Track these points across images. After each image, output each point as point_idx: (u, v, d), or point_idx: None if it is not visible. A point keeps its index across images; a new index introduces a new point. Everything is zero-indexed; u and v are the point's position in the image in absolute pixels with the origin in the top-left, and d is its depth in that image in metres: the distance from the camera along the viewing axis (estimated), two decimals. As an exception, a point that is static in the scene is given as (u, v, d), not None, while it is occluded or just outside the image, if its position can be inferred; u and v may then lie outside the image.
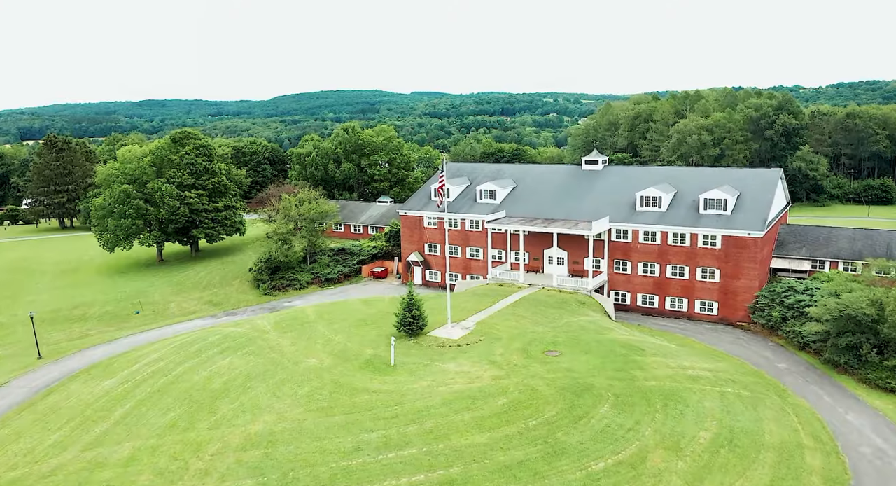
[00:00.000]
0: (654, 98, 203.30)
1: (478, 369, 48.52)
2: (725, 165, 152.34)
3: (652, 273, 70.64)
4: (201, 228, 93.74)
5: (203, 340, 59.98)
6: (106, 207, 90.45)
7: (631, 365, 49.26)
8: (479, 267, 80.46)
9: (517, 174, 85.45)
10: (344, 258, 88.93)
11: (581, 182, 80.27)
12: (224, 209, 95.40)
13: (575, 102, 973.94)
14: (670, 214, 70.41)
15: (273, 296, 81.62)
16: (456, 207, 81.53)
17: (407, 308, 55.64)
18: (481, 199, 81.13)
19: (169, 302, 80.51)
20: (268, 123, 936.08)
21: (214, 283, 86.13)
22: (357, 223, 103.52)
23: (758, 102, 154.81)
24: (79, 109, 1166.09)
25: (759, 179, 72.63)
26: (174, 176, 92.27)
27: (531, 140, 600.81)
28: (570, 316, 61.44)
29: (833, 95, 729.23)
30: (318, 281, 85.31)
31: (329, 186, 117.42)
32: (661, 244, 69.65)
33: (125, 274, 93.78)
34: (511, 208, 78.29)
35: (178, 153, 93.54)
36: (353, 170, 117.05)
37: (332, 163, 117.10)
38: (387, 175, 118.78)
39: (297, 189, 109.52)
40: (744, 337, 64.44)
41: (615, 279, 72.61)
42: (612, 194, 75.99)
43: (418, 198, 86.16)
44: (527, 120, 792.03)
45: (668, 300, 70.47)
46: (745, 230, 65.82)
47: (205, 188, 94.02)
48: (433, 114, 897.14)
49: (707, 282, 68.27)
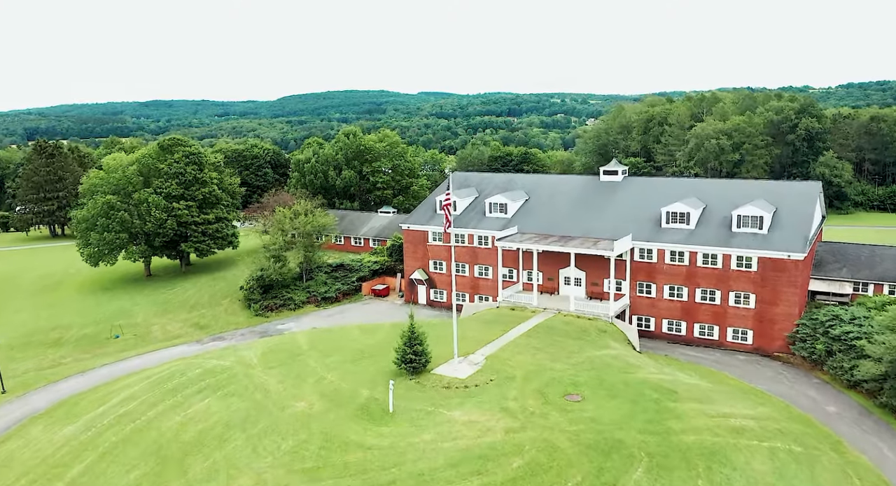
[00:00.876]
0: (668, 100, 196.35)
1: (489, 418, 42.18)
2: (745, 171, 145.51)
3: (679, 297, 64.17)
4: (191, 241, 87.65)
5: (181, 374, 53.89)
6: (89, 219, 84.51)
7: (665, 414, 42.84)
8: (488, 287, 74.12)
9: (530, 185, 79.06)
10: (343, 275, 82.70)
11: (599, 195, 73.82)
12: (215, 221, 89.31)
13: (582, 103, 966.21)
14: (699, 232, 63.90)
15: (265, 317, 75.46)
16: (463, 222, 75.21)
17: (408, 343, 49.35)
18: (491, 212, 74.79)
19: (152, 324, 74.41)
20: (274, 123, 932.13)
21: (202, 302, 80.00)
22: (357, 235, 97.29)
23: (778, 105, 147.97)
24: (85, 109, 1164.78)
25: (796, 193, 66.02)
26: (162, 186, 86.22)
27: (538, 141, 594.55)
28: (591, 349, 55.01)
29: (843, 96, 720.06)
30: (315, 300, 79.12)
31: (329, 195, 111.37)
32: (689, 266, 63.17)
33: (109, 291, 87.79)
34: (523, 223, 71.92)
35: (165, 161, 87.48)
36: (355, 177, 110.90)
37: (332, 170, 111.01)
38: (390, 183, 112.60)
39: (295, 199, 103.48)
40: (784, 372, 57.89)
41: (638, 303, 66.16)
42: (633, 209, 69.52)
43: (422, 211, 79.87)
44: (534, 121, 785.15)
45: (697, 327, 63.98)
46: (785, 252, 59.29)
47: (194, 199, 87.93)
48: (440, 114, 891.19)
49: (741, 308, 61.75)
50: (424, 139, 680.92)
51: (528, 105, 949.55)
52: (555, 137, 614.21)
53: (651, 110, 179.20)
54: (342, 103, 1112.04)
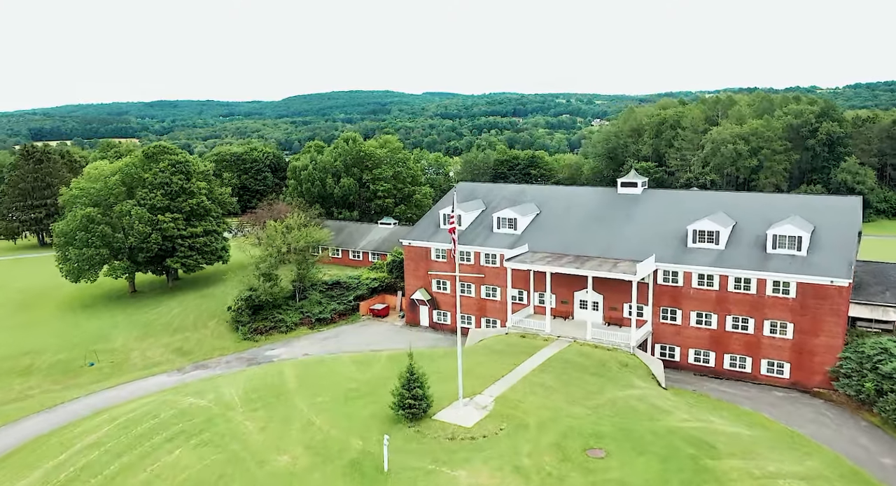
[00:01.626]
0: (680, 102, 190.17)
1: (499, 481, 36.26)
2: (763, 177, 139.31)
3: (708, 325, 58.10)
4: (177, 256, 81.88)
5: (153, 416, 48.08)
6: (67, 233, 78.87)
7: (703, 475, 36.88)
8: (496, 309, 68.17)
9: (541, 198, 73.04)
10: (339, 294, 76.84)
11: (617, 209, 67.77)
12: (204, 235, 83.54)
13: (588, 103, 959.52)
14: (730, 252, 57.83)
15: (254, 341, 69.63)
16: (469, 238, 69.27)
17: (406, 385, 43.40)
18: (499, 228, 68.80)
19: (131, 350, 68.63)
20: (278, 124, 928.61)
21: (187, 324, 74.19)
22: (356, 249, 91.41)
23: (798, 109, 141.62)
24: (90, 109, 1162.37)
25: (836, 209, 59.88)
26: (146, 197, 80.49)
27: (544, 143, 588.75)
28: (612, 388, 48.96)
29: (851, 96, 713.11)
30: (309, 322, 73.28)
31: (327, 203, 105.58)
32: (719, 290, 57.11)
33: (90, 309, 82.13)
34: (535, 241, 65.93)
35: (150, 171, 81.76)
36: (354, 185, 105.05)
37: (330, 178, 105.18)
38: (391, 191, 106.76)
39: (291, 208, 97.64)
40: (826, 412, 51.79)
41: (662, 331, 60.12)
42: (655, 225, 63.46)
43: (425, 225, 73.95)
44: (539, 121, 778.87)
45: (727, 358, 57.91)
46: (827, 276, 53.20)
47: (181, 211, 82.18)
48: (444, 115, 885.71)
49: (777, 338, 55.68)
50: (429, 140, 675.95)
51: (533, 105, 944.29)
52: (560, 138, 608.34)
53: (663, 113, 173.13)
54: (347, 104, 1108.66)
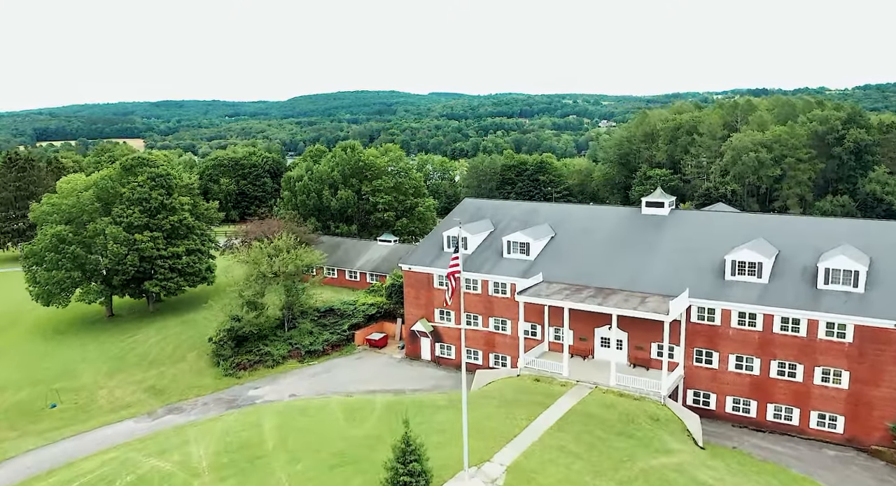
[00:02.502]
0: (696, 106, 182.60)
1: None
2: (787, 187, 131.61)
3: (749, 370, 50.84)
4: (156, 279, 74.93)
5: (108, 484, 41.17)
6: (37, 253, 72.09)
7: None
8: (506, 345, 61.02)
9: (556, 218, 65.77)
10: (332, 322, 69.79)
11: (642, 232, 60.47)
12: (186, 254, 76.57)
13: (595, 104, 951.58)
14: (775, 287, 50.53)
15: (236, 378, 62.62)
16: (476, 264, 62.12)
17: (402, 458, 36.27)
18: (510, 253, 61.61)
19: (99, 388, 61.68)
20: (283, 124, 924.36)
21: (164, 356, 67.22)
22: (353, 269, 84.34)
23: (823, 115, 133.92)
24: (96, 109, 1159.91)
25: (894, 237, 52.54)
26: (122, 214, 73.56)
27: (551, 144, 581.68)
28: (644, 454, 41.72)
29: (861, 98, 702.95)
30: (298, 354, 66.26)
31: (323, 217, 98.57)
32: (762, 331, 49.84)
33: (62, 336, 75.33)
34: (549, 268, 58.73)
35: (128, 185, 74.84)
36: (353, 198, 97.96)
37: (327, 189, 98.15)
38: (392, 203, 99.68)
39: (283, 225, 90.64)
40: (891, 478, 44.50)
41: (695, 375, 52.88)
42: (687, 252, 56.21)
43: (426, 248, 66.80)
44: (546, 122, 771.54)
45: (770, 409, 50.64)
46: (890, 319, 45.90)
47: (161, 229, 75.26)
48: (450, 115, 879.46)
49: (829, 388, 48.41)
50: (434, 141, 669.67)
51: (539, 106, 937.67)
52: (567, 140, 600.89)
53: (678, 118, 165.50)
54: (353, 104, 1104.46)
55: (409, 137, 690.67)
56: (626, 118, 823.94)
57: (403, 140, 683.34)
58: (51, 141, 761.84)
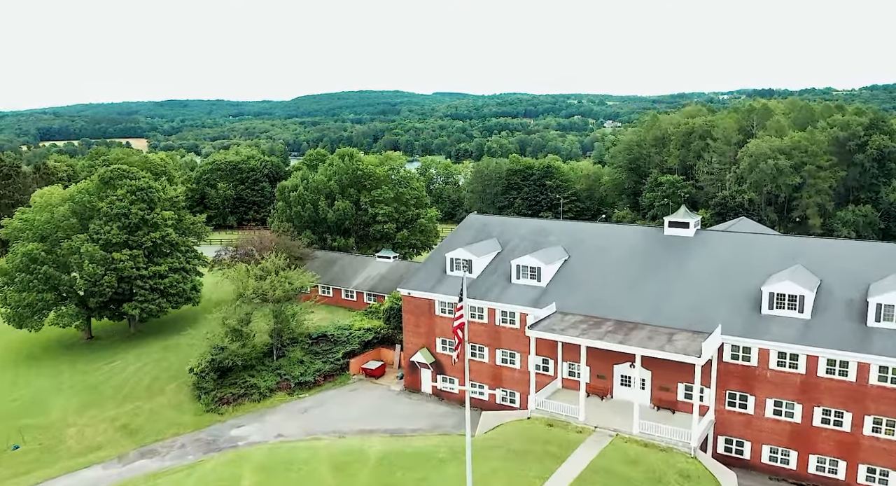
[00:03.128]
0: (709, 110, 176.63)
1: None
2: (806, 195, 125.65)
3: (789, 417, 45.18)
4: (135, 301, 69.45)
5: (57, 557, 35.75)
6: (7, 273, 66.74)
7: None
8: (514, 380, 55.42)
9: (568, 238, 60.06)
10: (325, 349, 64.27)
11: (665, 256, 54.79)
12: (169, 273, 71.11)
13: (599, 104, 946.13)
14: (819, 324, 44.86)
15: (219, 414, 57.09)
16: (482, 289, 56.53)
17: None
18: (519, 278, 55.98)
19: (69, 426, 56.22)
20: (287, 124, 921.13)
21: (142, 388, 61.74)
22: (349, 288, 78.76)
23: (843, 120, 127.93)
24: (101, 109, 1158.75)
25: (952, 267, 46.81)
26: (99, 231, 68.13)
27: (556, 145, 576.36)
28: (676, 525, 36.14)
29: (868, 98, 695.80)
30: (287, 386, 60.73)
31: (319, 229, 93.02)
32: (805, 374, 44.17)
33: (35, 361, 69.99)
34: (563, 296, 53.14)
35: (106, 199, 69.40)
36: (350, 209, 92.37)
37: (323, 200, 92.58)
38: (392, 215, 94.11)
39: (276, 238, 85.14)
40: (960, 548, 38.84)
41: (728, 421, 47.22)
42: (717, 280, 50.54)
43: (428, 271, 61.15)
44: (550, 123, 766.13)
45: (813, 461, 44.97)
46: (956, 364, 40.24)
47: (141, 246, 69.83)
48: (455, 115, 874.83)
49: (882, 439, 42.74)
50: (439, 142, 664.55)
51: (544, 106, 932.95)
52: (573, 141, 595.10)
53: (691, 122, 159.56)
54: (357, 104, 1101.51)
55: (413, 138, 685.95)
56: (631, 119, 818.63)
57: (407, 141, 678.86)
58: (54, 141, 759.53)
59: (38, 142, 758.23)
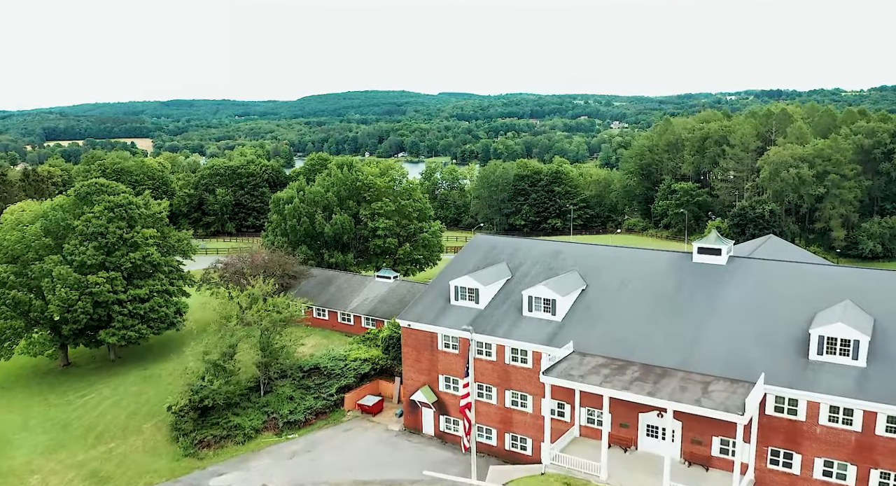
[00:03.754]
0: (724, 115, 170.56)
1: None
2: (830, 206, 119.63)
3: (841, 479, 39.42)
4: (112, 328, 64.05)
5: None
6: (-26, 296, 61.42)
7: None
8: (525, 424, 49.75)
9: (586, 263, 54.31)
10: (317, 383, 58.75)
11: (696, 288, 49.04)
12: (149, 297, 65.69)
13: (606, 105, 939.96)
14: (877, 373, 39.09)
15: (198, 459, 51.64)
16: (490, 323, 50.90)
17: None
18: (531, 310, 50.34)
19: (33, 472, 50.79)
20: (292, 124, 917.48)
21: (117, 426, 56.26)
22: (346, 311, 73.20)
23: (869, 127, 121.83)
24: (107, 108, 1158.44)
25: None
26: (74, 252, 62.74)
27: (563, 148, 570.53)
28: None
29: (878, 99, 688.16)
30: (274, 425, 55.23)
31: (315, 244, 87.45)
32: (861, 432, 38.42)
33: (6, 393, 64.66)
34: (582, 334, 47.48)
35: (81, 217, 64.03)
36: (349, 222, 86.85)
37: (320, 213, 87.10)
38: (393, 228, 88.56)
39: (272, 252, 79.65)
40: None
41: (769, 481, 41.48)
42: (755, 318, 44.80)
43: (430, 300, 55.49)
44: (557, 123, 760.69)
45: (870, 531, 39.21)
46: None
47: (120, 268, 64.42)
48: (460, 116, 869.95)
49: (953, 509, 36.95)
50: (444, 143, 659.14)
51: (550, 107, 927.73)
52: (580, 142, 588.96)
53: (706, 127, 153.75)
54: (362, 104, 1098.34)
55: (419, 139, 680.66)
56: (638, 120, 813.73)
57: (412, 141, 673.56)
58: (59, 141, 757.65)
59: (44, 142, 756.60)
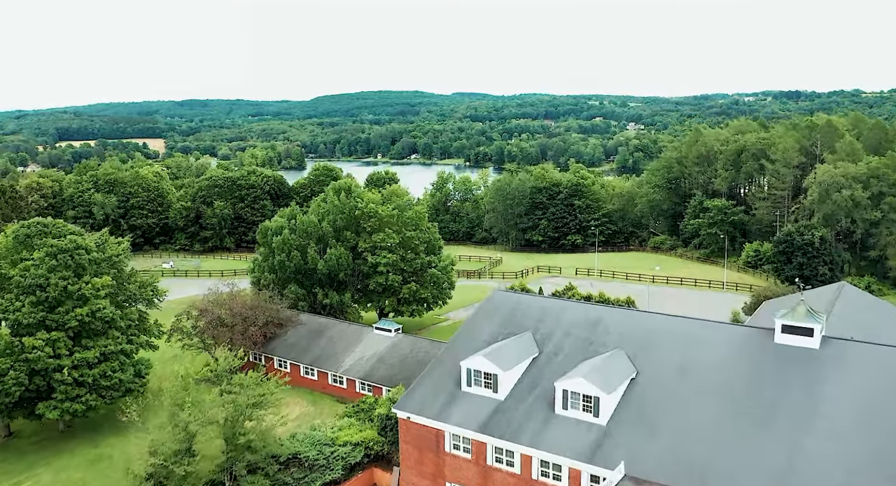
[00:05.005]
0: (761, 126, 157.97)
1: None
2: (885, 233, 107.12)
3: None
4: (54, 399, 53.10)
5: None
6: None
7: None
8: (558, 559, 38.23)
9: (632, 338, 42.62)
10: (298, 478, 47.41)
11: (782, 382, 37.32)
12: (101, 361, 54.71)
13: (621, 106, 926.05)
14: None
15: None
16: (513, 422, 39.43)
17: None
18: (566, 408, 38.81)
19: None
20: (305, 125, 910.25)
21: (44, 537, 45.28)
22: (337, 372, 61.89)
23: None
24: (121, 108, 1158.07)
25: None
26: (8, 308, 51.88)
27: (578, 150, 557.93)
28: None
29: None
30: (241, 538, 44.00)
31: (307, 282, 76.26)
32: None
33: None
34: (635, 446, 35.90)
35: (18, 265, 53.17)
36: (346, 257, 75.67)
37: (313, 246, 75.96)
38: (397, 264, 77.25)
39: (252, 304, 68.39)
40: None
41: None
42: (872, 432, 33.10)
43: (434, 383, 44.03)
44: (572, 125, 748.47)
45: None
46: None
47: (64, 327, 53.45)
48: (474, 117, 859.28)
49: None
50: (458, 145, 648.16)
51: (564, 108, 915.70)
52: (595, 144, 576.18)
53: (741, 139, 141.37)
54: (375, 104, 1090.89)
55: (432, 140, 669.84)
56: (654, 121, 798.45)
57: (426, 143, 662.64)
58: (72, 141, 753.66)
59: (56, 142, 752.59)
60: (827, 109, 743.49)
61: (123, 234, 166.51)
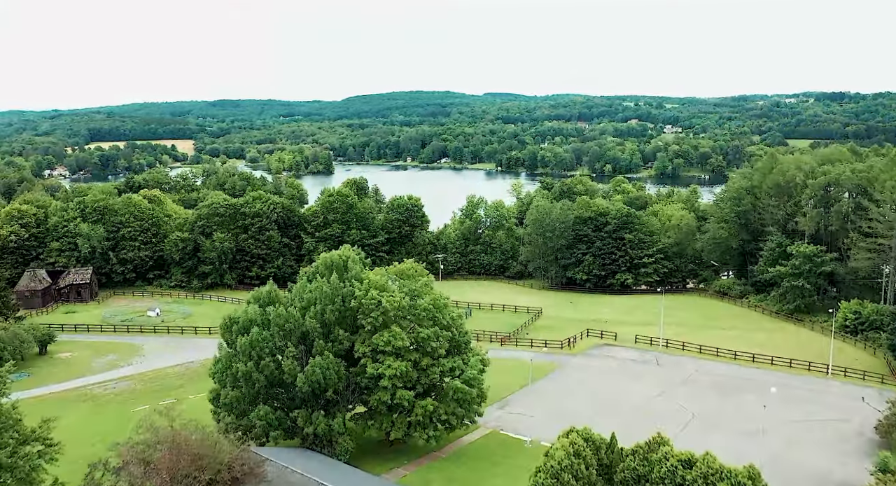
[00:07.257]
0: (852, 152, 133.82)
1: None
2: None
3: None
4: None
5: None
6: None
7: None
8: None
9: None
10: None
11: None
12: None
13: (657, 107, 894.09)
14: None
15: None
16: None
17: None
18: None
19: None
20: (334, 127, 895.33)
21: None
22: None
23: None
24: (154, 108, 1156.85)
25: None
26: None
27: (615, 155, 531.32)
28: None
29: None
30: None
31: (282, 401, 55.18)
32: None
33: None
34: None
35: None
36: (336, 367, 54.72)
37: (293, 348, 55.16)
38: (408, 374, 56.17)
39: (191, 442, 47.67)
40: None
41: None
42: None
43: None
44: (607, 128, 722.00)
45: None
46: None
47: None
48: (506, 118, 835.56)
49: None
50: (489, 149, 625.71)
51: (599, 109, 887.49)
52: (632, 149, 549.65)
53: (831, 170, 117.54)
54: (406, 104, 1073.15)
55: (463, 144, 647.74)
56: (692, 123, 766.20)
57: (456, 147, 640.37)
58: (102, 142, 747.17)
59: (87, 143, 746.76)
60: (873, 112, 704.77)
61: (113, 268, 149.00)
